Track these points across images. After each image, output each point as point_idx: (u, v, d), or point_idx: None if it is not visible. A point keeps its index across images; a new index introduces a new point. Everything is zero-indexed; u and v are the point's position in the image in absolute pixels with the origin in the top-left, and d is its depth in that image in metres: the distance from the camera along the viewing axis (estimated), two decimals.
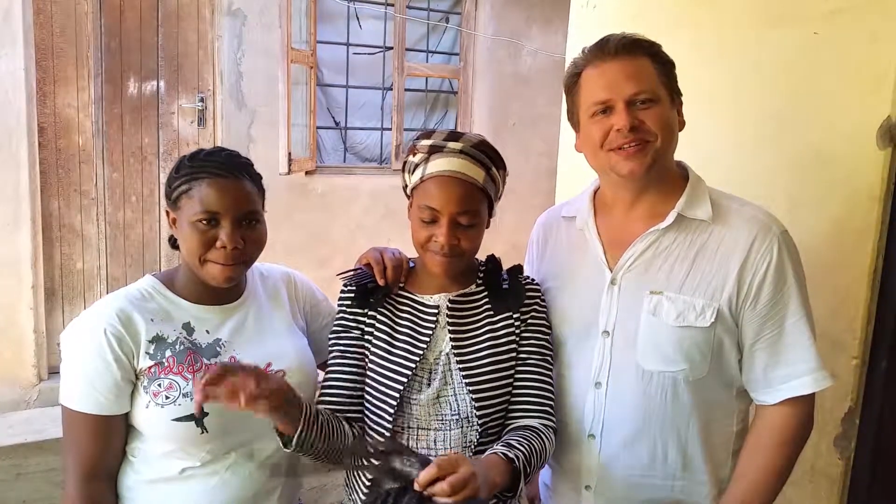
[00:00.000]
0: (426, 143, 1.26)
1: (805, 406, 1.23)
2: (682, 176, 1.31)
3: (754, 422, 1.28)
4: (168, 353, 1.23)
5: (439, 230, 1.22)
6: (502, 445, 1.19)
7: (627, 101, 1.19)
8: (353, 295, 1.33)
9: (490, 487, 1.06)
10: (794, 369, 1.21)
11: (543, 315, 1.35)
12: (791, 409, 1.22)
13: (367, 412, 1.31)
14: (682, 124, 1.28)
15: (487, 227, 1.31)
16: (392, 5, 4.66)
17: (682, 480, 1.28)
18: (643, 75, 1.21)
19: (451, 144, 1.24)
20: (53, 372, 3.82)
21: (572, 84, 1.30)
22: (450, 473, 0.99)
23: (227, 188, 1.23)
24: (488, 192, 1.26)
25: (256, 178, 1.31)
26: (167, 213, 1.30)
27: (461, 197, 1.22)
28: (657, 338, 1.23)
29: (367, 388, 1.30)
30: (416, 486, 0.98)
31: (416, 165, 1.26)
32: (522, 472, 1.14)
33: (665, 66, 1.25)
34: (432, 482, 0.98)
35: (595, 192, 1.39)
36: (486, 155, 1.26)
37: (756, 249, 1.20)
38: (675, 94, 1.26)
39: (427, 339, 1.28)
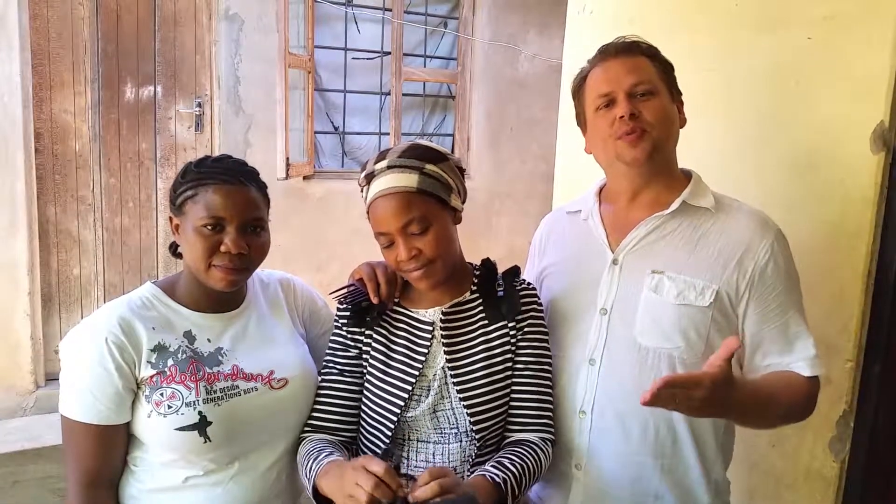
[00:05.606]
0: (363, 174, 1.28)
1: (811, 385, 1.26)
2: (685, 176, 1.38)
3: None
4: (170, 361, 1.22)
5: (397, 249, 1.22)
6: (493, 465, 1.18)
7: (628, 93, 1.28)
8: (348, 314, 1.32)
9: None
10: (796, 357, 1.26)
11: (540, 321, 1.34)
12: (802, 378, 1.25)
13: (364, 429, 1.31)
14: (682, 122, 1.36)
15: (459, 223, 1.30)
16: (390, 10, 4.67)
17: (672, 458, 1.29)
18: (642, 70, 1.30)
19: (379, 165, 1.23)
20: (50, 379, 3.81)
21: (579, 87, 1.39)
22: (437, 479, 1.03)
23: (233, 194, 1.23)
24: (431, 192, 1.22)
25: (262, 187, 1.31)
26: (170, 219, 1.30)
27: (397, 210, 1.19)
28: (657, 314, 1.27)
29: (365, 407, 1.30)
30: (410, 498, 1.02)
31: (364, 199, 1.28)
32: (510, 494, 1.13)
33: (663, 65, 1.34)
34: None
35: (600, 189, 1.46)
36: (414, 157, 1.22)
37: (757, 241, 1.27)
38: (674, 92, 1.34)
39: (423, 357, 1.27)
